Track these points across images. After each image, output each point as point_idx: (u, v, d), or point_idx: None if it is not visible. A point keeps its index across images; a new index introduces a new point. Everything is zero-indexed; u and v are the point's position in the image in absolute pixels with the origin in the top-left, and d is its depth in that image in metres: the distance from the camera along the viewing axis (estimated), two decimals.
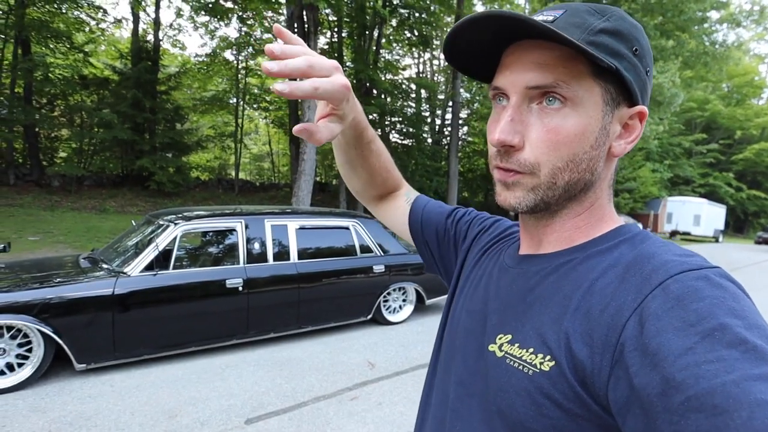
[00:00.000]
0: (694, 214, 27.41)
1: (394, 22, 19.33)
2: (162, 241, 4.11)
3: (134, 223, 5.09)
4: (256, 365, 4.20)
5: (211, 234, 4.71)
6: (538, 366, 0.51)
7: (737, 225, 36.25)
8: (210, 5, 14.84)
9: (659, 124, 17.35)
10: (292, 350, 4.65)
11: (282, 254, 4.82)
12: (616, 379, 0.44)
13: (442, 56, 28.81)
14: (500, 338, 0.58)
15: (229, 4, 16.14)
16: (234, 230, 4.62)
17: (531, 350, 0.53)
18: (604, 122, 0.56)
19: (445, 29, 21.88)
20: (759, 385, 0.37)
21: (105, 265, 4.14)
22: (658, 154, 30.39)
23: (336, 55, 18.84)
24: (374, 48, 18.85)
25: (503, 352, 0.56)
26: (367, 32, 18.29)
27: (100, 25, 17.95)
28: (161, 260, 4.07)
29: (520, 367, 0.53)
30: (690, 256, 0.49)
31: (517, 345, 0.55)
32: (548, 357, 0.51)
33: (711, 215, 28.23)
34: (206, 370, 4.02)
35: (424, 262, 0.97)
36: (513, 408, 0.52)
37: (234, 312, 4.39)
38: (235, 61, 22.67)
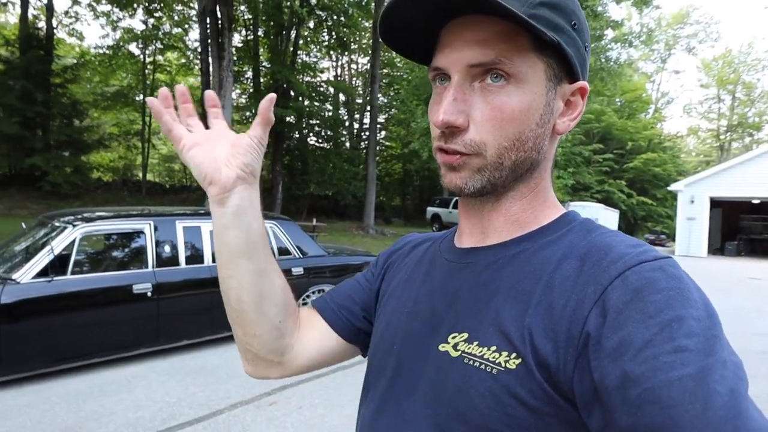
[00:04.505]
0: (593, 218, 29.60)
1: (311, 24, 19.20)
2: (58, 244, 3.76)
3: (24, 226, 4.62)
4: (167, 375, 3.96)
5: (115, 236, 4.38)
6: (503, 364, 0.49)
7: (628, 228, 39.68)
8: None
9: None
10: (207, 357, 4.44)
11: (195, 257, 4.60)
12: (580, 372, 0.44)
13: (360, 60, 29.03)
14: (454, 337, 0.55)
15: None
16: (142, 232, 4.33)
17: (493, 348, 0.50)
18: (548, 99, 0.55)
19: (362, 33, 21.99)
20: (713, 375, 0.38)
21: None
22: (563, 161, 32.64)
23: (252, 54, 18.32)
24: (291, 49, 18.60)
25: (459, 352, 0.53)
26: (284, 32, 18.01)
27: None
28: (57, 265, 3.72)
29: (482, 367, 0.50)
30: (641, 246, 0.50)
31: (476, 343, 0.52)
32: (513, 354, 0.48)
33: (607, 219, 30.68)
34: (111, 383, 3.73)
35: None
36: (475, 409, 0.50)
37: (142, 319, 4.12)
38: (142, 56, 21.32)
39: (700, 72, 46.53)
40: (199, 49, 17.31)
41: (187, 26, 20.12)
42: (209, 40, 13.36)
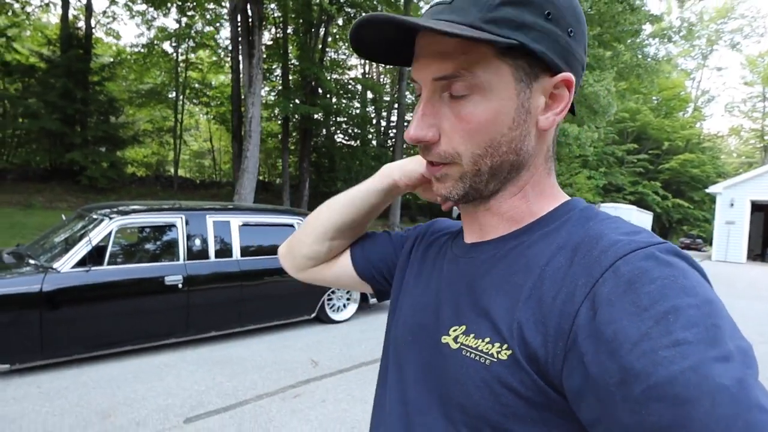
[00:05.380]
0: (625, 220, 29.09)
1: (340, 21, 19.29)
2: (96, 236, 3.92)
3: (64, 218, 4.82)
4: (195, 364, 4.09)
5: (148, 229, 4.53)
6: (495, 355, 0.49)
7: (663, 231, 38.54)
8: None
9: (595, 132, 18.28)
10: (234, 348, 4.56)
11: (224, 251, 4.72)
12: (570, 367, 0.44)
13: None
14: (454, 330, 0.56)
15: None
16: (174, 226, 4.47)
17: (487, 340, 0.51)
18: (520, 100, 0.53)
19: None
20: (717, 368, 0.36)
21: (32, 261, 3.90)
22: (594, 161, 31.95)
23: (281, 51, 18.55)
24: (320, 46, 18.74)
25: (458, 344, 0.55)
26: (313, 30, 18.16)
27: (24, 9, 16.75)
28: (95, 256, 3.89)
29: (477, 358, 0.51)
30: (637, 233, 0.48)
31: (472, 335, 0.53)
32: (505, 346, 0.49)
33: (640, 221, 29.87)
34: (143, 370, 3.87)
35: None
36: (471, 399, 0.51)
37: (173, 310, 4.26)
38: (175, 54, 21.83)
39: (745, 69, 44.59)
40: (230, 47, 17.67)
41: (218, 24, 20.51)
42: (240, 38, 13.59)
